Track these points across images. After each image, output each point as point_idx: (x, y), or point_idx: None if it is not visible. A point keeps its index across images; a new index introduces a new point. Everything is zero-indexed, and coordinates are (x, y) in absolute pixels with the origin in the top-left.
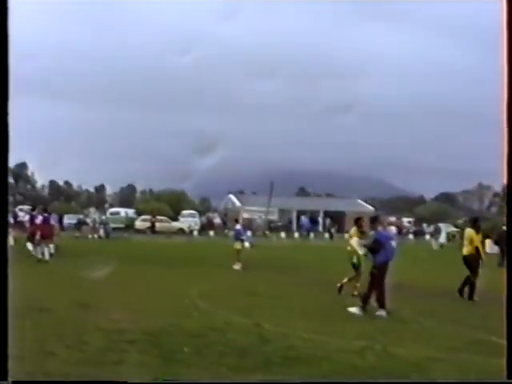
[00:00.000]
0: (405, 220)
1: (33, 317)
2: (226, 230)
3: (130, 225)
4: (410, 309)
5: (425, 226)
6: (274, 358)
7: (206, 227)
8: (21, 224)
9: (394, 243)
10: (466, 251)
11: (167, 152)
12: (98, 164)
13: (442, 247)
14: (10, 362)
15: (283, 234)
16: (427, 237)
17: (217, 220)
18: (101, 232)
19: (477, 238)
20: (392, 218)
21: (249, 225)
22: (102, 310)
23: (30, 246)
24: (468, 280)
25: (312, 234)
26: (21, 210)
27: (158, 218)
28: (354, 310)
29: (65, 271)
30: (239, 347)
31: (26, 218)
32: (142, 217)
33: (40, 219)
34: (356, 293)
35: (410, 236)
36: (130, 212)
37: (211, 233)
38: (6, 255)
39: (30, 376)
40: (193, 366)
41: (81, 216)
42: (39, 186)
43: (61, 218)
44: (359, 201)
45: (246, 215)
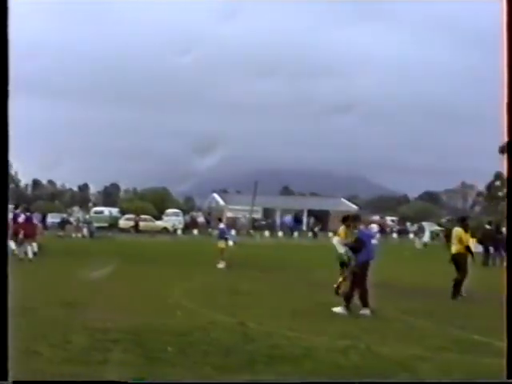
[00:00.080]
0: (388, 219)
1: (16, 316)
2: (210, 229)
3: (113, 224)
4: (394, 307)
5: (408, 224)
6: (258, 357)
7: (189, 226)
8: None
9: (375, 241)
10: (455, 250)
11: (153, 151)
12: (82, 162)
13: (426, 246)
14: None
15: (267, 233)
16: (411, 236)
17: (201, 219)
18: (84, 231)
19: (466, 237)
20: (376, 217)
21: (233, 224)
22: (86, 309)
23: (13, 244)
24: (458, 281)
25: (296, 233)
26: None
27: (142, 217)
28: (338, 309)
29: (48, 270)
30: (223, 346)
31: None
32: (126, 216)
33: (23, 218)
34: (340, 290)
35: (394, 235)
36: (114, 211)
37: (195, 232)
38: (5, 255)
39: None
40: (177, 365)
41: (64, 215)
42: (23, 184)
43: (44, 217)
44: (343, 200)
45: (229, 214)
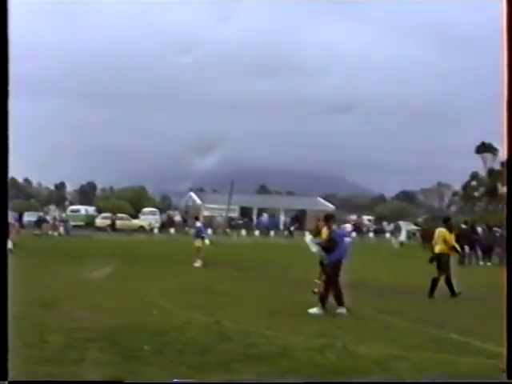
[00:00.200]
0: (365, 218)
1: None
2: (187, 228)
3: (90, 222)
4: (371, 307)
5: (385, 224)
6: (234, 356)
7: (166, 225)
8: None
9: (348, 240)
10: (438, 250)
11: (131, 150)
12: (58, 161)
13: (402, 245)
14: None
15: (244, 232)
16: (387, 235)
17: (177, 218)
18: (61, 230)
19: (450, 238)
20: (352, 216)
21: (209, 222)
22: (62, 308)
23: None
24: (436, 281)
25: (272, 232)
26: None
27: (119, 215)
28: (314, 310)
29: (23, 269)
30: (200, 345)
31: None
32: (103, 214)
33: None
34: (316, 290)
35: (371, 234)
36: (91, 209)
37: (172, 230)
38: (5, 255)
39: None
40: (153, 364)
41: (41, 213)
42: None
43: (21, 216)
44: (319, 199)
45: (206, 213)
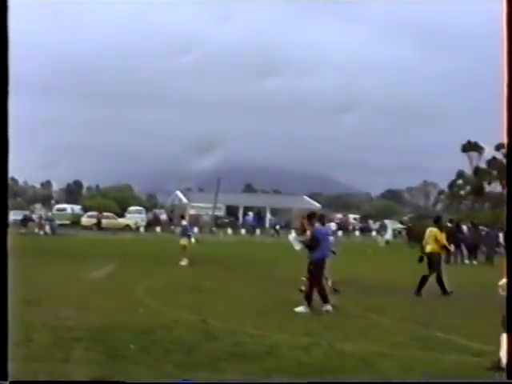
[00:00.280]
0: (351, 217)
1: None
2: (173, 227)
3: (76, 221)
4: (357, 305)
5: (371, 222)
6: (220, 355)
7: (152, 223)
8: None
9: (331, 239)
10: (430, 249)
11: (115, 149)
12: (44, 160)
13: (388, 244)
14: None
15: (230, 231)
16: (373, 233)
17: (163, 216)
18: (47, 228)
19: (441, 237)
20: (338, 215)
21: (195, 221)
22: (48, 307)
23: None
24: (425, 278)
25: (258, 231)
26: None
27: (105, 214)
28: (300, 309)
29: (9, 267)
30: (186, 344)
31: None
32: (89, 213)
33: None
34: (303, 288)
35: (357, 233)
36: (77, 208)
37: (158, 229)
38: (5, 255)
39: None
40: (139, 363)
41: (27, 212)
42: None
43: None
44: (305, 197)
45: (192, 211)
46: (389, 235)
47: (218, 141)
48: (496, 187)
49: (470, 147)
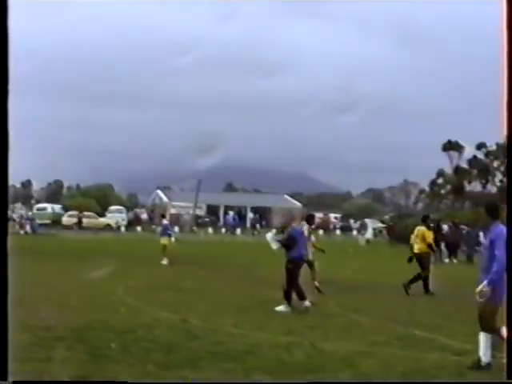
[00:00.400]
0: (332, 216)
1: None
2: (154, 226)
3: (56, 221)
4: (338, 304)
5: (352, 221)
6: (201, 354)
7: (133, 223)
8: None
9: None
10: (417, 248)
11: (100, 149)
12: (25, 159)
13: (369, 242)
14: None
15: (211, 230)
16: (354, 232)
17: (144, 216)
18: (27, 228)
19: (429, 235)
20: (319, 214)
21: (176, 220)
22: (29, 307)
23: None
24: (419, 276)
25: (239, 230)
26: None
27: (85, 213)
28: (280, 308)
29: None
30: (166, 343)
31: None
32: (69, 212)
33: None
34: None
35: (338, 232)
36: (57, 208)
37: (138, 228)
38: (5, 255)
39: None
40: (120, 362)
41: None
42: None
43: None
44: (286, 196)
45: (173, 211)
46: (369, 234)
47: (201, 141)
48: (476, 186)
49: (451, 146)
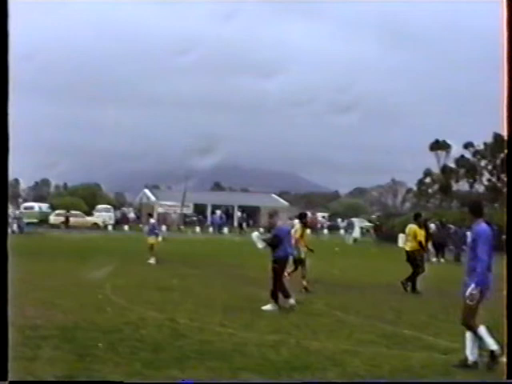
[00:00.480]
0: (319, 215)
1: None
2: (141, 225)
3: (44, 220)
4: (324, 303)
5: (339, 220)
6: (188, 353)
7: (120, 222)
8: None
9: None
10: (410, 247)
11: (88, 149)
12: (12, 158)
13: (356, 241)
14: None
15: (198, 229)
16: (341, 231)
17: (131, 215)
18: (14, 227)
19: (420, 233)
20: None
21: (163, 219)
22: (15, 306)
23: None
24: (416, 274)
25: (226, 229)
26: None
27: (73, 212)
28: (267, 307)
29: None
30: (153, 342)
31: None
32: (56, 211)
33: None
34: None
35: (325, 231)
36: (44, 207)
37: (126, 227)
38: (5, 255)
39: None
40: (107, 361)
41: None
42: None
43: None
44: (274, 196)
45: (160, 210)
46: (356, 233)
47: (190, 141)
48: (464, 186)
49: (438, 146)
